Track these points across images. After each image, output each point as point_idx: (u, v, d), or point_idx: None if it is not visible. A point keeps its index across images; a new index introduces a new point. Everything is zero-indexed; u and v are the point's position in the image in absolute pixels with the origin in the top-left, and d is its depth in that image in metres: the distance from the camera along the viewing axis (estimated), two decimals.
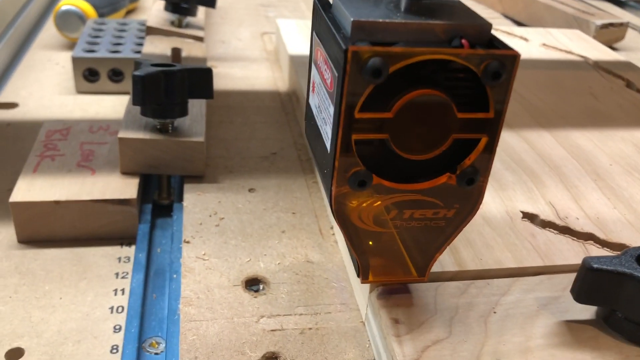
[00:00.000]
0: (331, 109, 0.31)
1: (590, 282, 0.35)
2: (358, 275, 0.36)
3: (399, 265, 0.36)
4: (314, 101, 0.36)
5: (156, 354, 0.40)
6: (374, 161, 0.31)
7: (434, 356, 0.34)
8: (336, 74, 0.30)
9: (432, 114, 0.30)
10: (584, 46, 0.85)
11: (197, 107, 0.57)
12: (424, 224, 0.34)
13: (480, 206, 0.47)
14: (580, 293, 0.36)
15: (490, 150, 0.31)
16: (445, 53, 0.29)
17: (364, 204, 0.33)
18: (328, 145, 0.32)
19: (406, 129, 0.30)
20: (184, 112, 0.52)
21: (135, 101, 0.49)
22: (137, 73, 0.48)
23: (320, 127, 0.34)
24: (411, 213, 0.33)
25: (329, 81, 0.31)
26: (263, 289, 0.42)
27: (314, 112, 0.36)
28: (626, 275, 0.34)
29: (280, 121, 0.66)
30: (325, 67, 0.32)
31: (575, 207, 0.47)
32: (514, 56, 0.29)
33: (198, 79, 0.52)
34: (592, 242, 0.44)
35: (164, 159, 0.52)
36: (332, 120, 0.31)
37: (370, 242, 0.35)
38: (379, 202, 0.33)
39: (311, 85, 0.37)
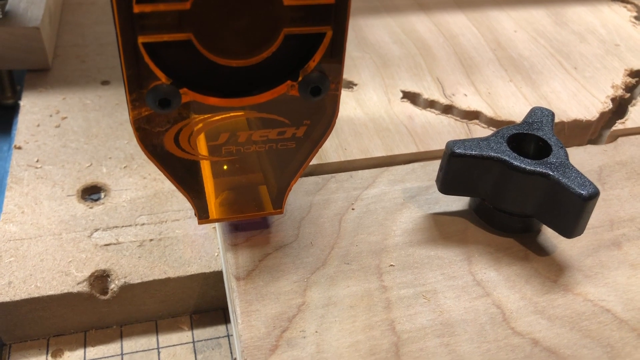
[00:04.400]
0: None
1: (455, 170, 0.30)
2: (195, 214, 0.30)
3: (249, 198, 0.30)
4: None
5: None
6: (184, 70, 0.23)
7: (272, 265, 0.29)
8: None
9: (249, 1, 0.22)
10: None
11: None
12: (269, 147, 0.27)
13: (354, 88, 0.41)
14: (445, 183, 0.31)
15: (340, 47, 0.24)
16: None
17: (182, 128, 0.25)
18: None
19: (216, 23, 0.22)
20: None
21: None
22: None
23: None
24: (248, 135, 0.26)
25: None
26: (104, 197, 0.37)
27: None
28: (493, 160, 0.30)
29: None
30: None
31: (466, 82, 0.42)
32: None
33: None
34: (477, 121, 0.39)
35: None
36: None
37: (203, 174, 0.28)
38: (201, 124, 0.25)
39: None
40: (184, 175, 0.27)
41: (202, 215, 0.29)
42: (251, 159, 0.28)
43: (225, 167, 0.29)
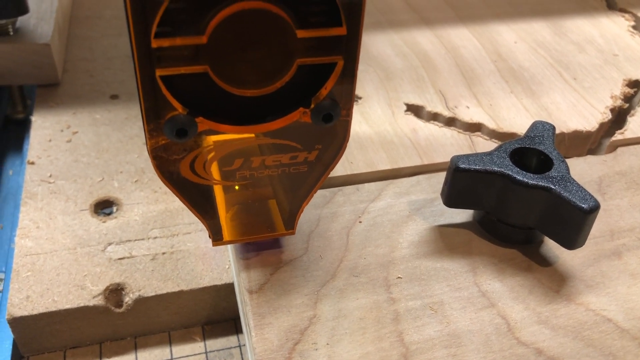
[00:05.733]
0: None
1: (459, 184, 0.31)
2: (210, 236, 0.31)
3: (262, 220, 0.31)
4: None
5: None
6: (199, 100, 0.24)
7: (283, 278, 0.30)
8: None
9: (263, 34, 0.22)
10: None
11: (47, 1, 0.49)
12: (281, 171, 0.28)
13: (359, 101, 0.42)
14: (450, 196, 0.32)
15: (351, 75, 0.24)
16: None
17: (197, 155, 0.26)
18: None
19: (231, 56, 0.22)
20: (21, 9, 0.44)
21: None
22: None
23: None
24: (262, 160, 0.27)
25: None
26: (116, 211, 0.38)
27: None
28: (496, 174, 0.31)
29: None
30: None
31: (468, 94, 0.43)
32: None
33: None
34: (479, 133, 0.40)
35: (7, 67, 0.45)
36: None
37: (218, 198, 0.29)
38: (216, 152, 0.26)
39: None
40: (199, 200, 0.27)
41: (216, 237, 0.29)
42: (264, 182, 0.29)
43: (237, 187, 0.30)
